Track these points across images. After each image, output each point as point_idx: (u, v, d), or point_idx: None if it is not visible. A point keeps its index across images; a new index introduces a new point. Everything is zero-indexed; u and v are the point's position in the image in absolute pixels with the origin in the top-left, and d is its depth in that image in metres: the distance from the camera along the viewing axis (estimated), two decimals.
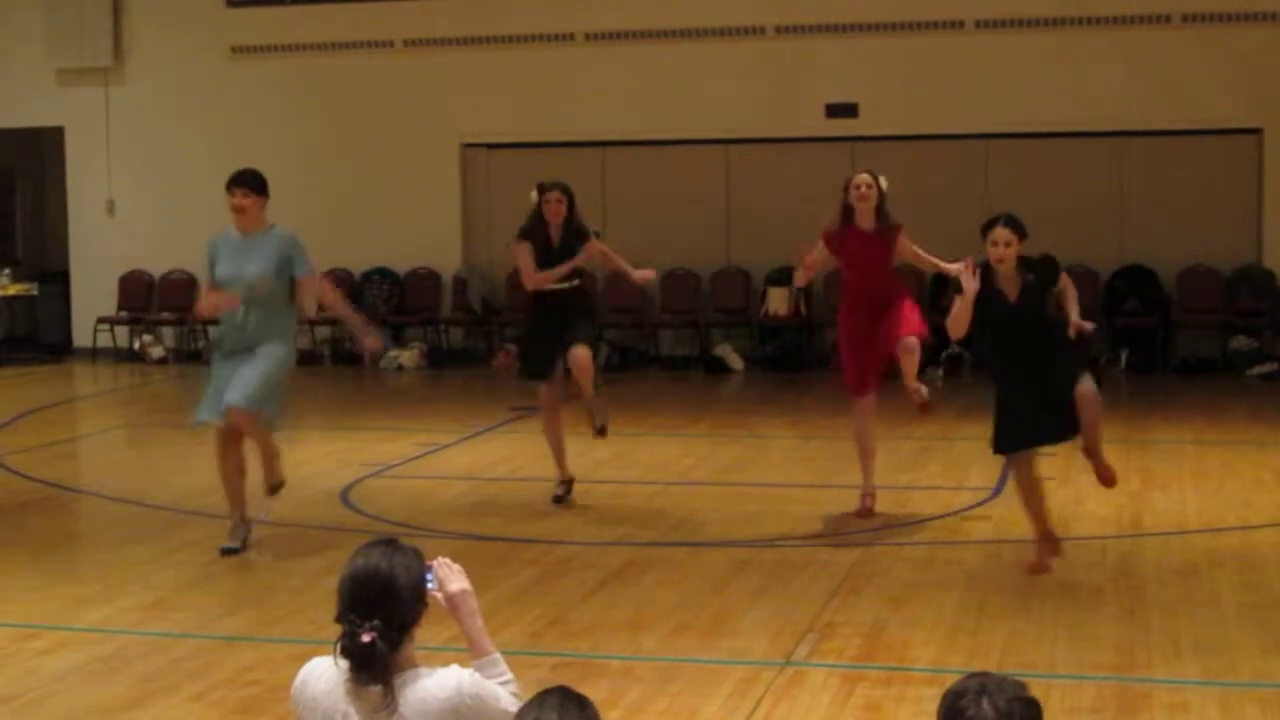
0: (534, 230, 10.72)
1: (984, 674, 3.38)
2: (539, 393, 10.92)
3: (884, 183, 10.05)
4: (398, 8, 19.36)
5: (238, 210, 9.60)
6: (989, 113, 17.83)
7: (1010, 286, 8.60)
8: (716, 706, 6.77)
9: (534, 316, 10.90)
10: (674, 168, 18.80)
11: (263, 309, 9.50)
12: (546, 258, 10.67)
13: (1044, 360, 8.58)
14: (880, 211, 10.03)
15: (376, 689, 3.90)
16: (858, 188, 9.99)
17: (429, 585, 4.03)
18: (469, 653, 4.10)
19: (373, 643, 3.87)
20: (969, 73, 17.90)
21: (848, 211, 10.03)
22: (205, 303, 9.81)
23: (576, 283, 10.78)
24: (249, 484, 9.81)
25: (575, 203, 10.76)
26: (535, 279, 10.68)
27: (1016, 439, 8.66)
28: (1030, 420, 8.57)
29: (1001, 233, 8.60)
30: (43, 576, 9.22)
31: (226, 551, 9.60)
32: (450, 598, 4.09)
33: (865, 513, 10.30)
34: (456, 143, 19.38)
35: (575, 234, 10.69)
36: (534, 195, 10.77)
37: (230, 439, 9.61)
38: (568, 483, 10.97)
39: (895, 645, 7.66)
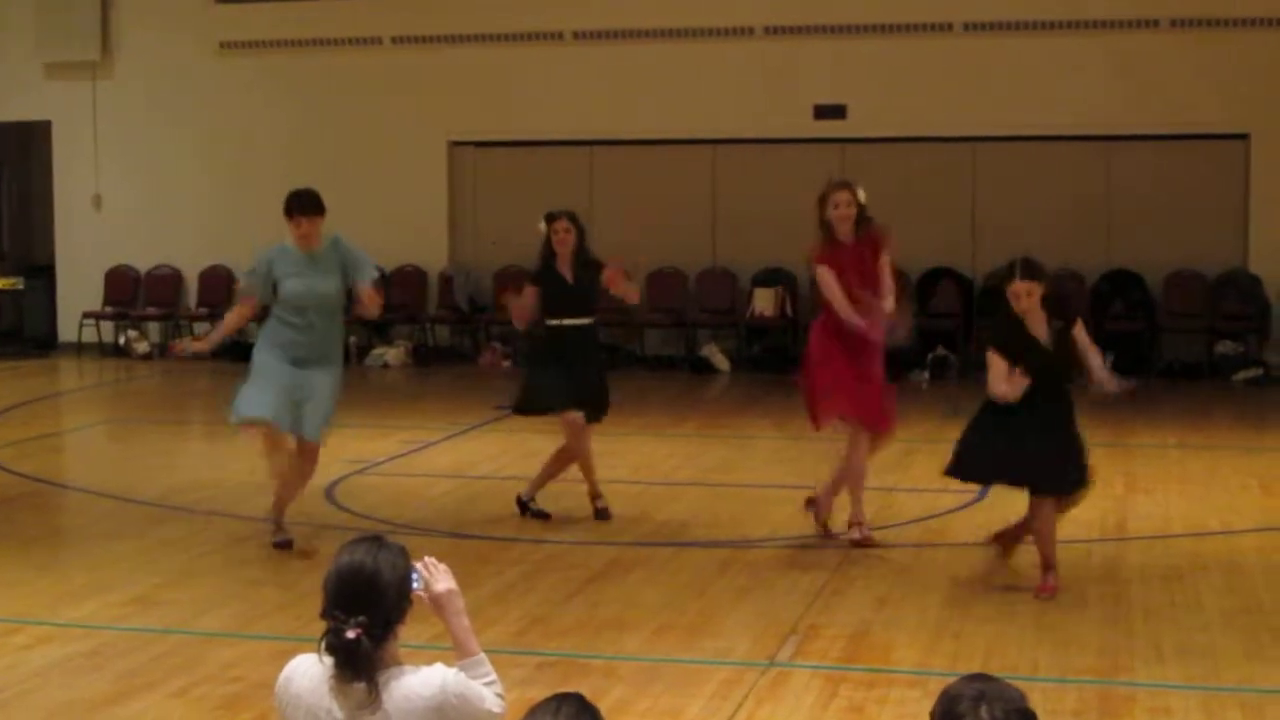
0: (546, 269, 10.37)
1: (984, 678, 3.33)
2: (563, 420, 10.42)
3: (861, 195, 9.60)
4: (386, 5, 19.36)
5: (306, 238, 9.53)
6: (977, 115, 17.85)
7: (1040, 329, 8.42)
8: (699, 707, 6.77)
9: (542, 347, 10.46)
10: (661, 168, 18.80)
11: (331, 319, 9.62)
12: (563, 293, 10.32)
13: (1057, 406, 8.51)
14: (859, 221, 9.59)
15: (360, 686, 3.90)
16: (836, 206, 9.53)
17: (415, 585, 4.03)
18: (454, 652, 4.10)
19: (358, 639, 3.87)
20: (957, 75, 17.92)
21: (829, 229, 9.58)
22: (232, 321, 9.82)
23: (590, 320, 10.45)
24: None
25: (584, 230, 10.49)
26: (523, 321, 10.43)
27: (983, 471, 8.66)
28: (1008, 457, 8.47)
29: (1021, 286, 8.33)
30: (26, 571, 9.21)
31: (281, 545, 9.60)
32: (436, 598, 4.08)
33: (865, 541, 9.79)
34: (444, 140, 19.37)
35: (588, 266, 10.38)
36: (541, 226, 10.44)
37: (280, 437, 9.63)
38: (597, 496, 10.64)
39: (879, 647, 7.66)
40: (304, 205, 9.55)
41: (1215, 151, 17.65)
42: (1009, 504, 10.18)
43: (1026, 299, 8.34)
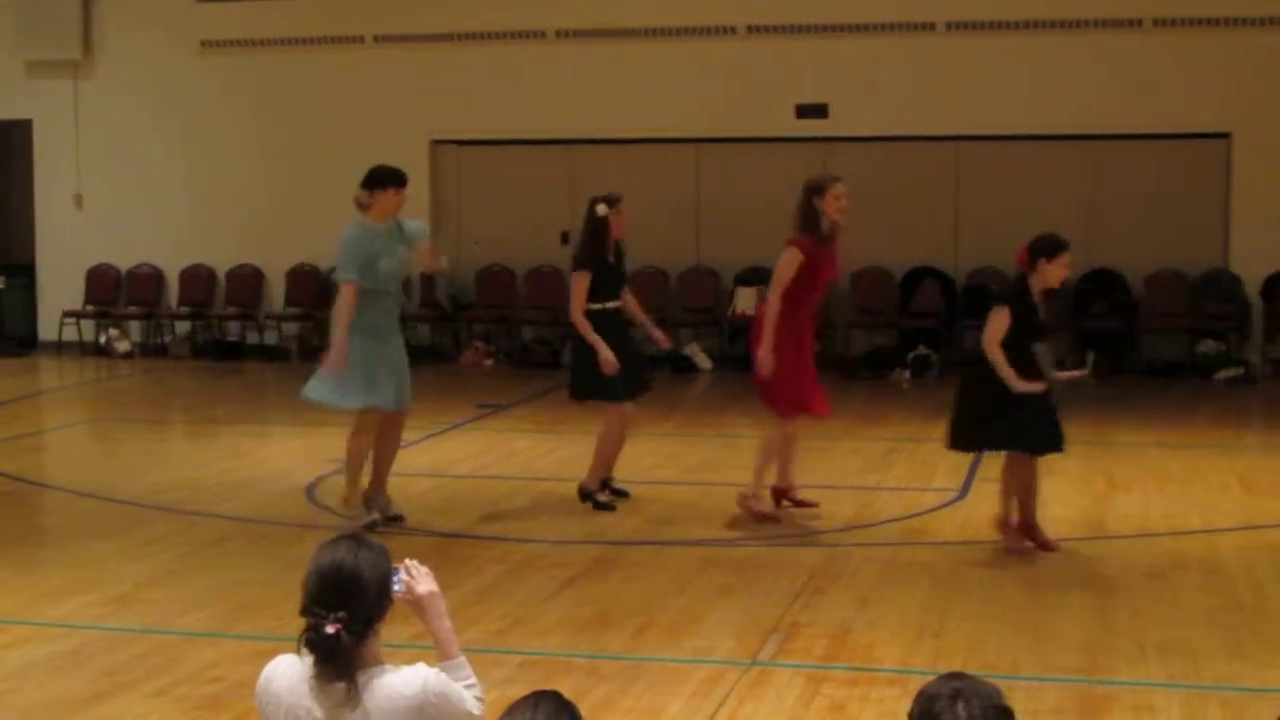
0: (596, 253, 10.47)
1: (960, 676, 3.34)
2: (616, 410, 10.68)
3: None
4: (368, 4, 19.32)
5: (398, 209, 9.72)
6: (959, 115, 17.86)
7: (1042, 303, 9.24)
8: (680, 706, 6.77)
9: (604, 335, 10.44)
10: (644, 166, 18.76)
11: (400, 285, 9.98)
12: (609, 274, 10.54)
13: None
14: None
15: (341, 685, 3.89)
16: (838, 198, 9.70)
17: (396, 588, 4.02)
18: (436, 654, 4.09)
19: (337, 635, 3.86)
20: (940, 75, 17.92)
21: (819, 220, 9.74)
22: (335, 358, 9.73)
23: (620, 301, 10.76)
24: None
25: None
26: (580, 320, 10.42)
27: (1055, 440, 9.30)
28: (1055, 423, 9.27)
29: (1067, 258, 9.18)
30: (6, 570, 9.18)
31: (369, 526, 9.73)
32: (418, 600, 4.08)
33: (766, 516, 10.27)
34: (426, 139, 19.31)
35: (620, 246, 10.71)
36: (601, 209, 10.43)
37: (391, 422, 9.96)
38: (607, 483, 10.91)
39: (860, 645, 7.66)
40: (400, 177, 9.79)
41: (1197, 151, 17.68)
42: (994, 503, 10.17)
43: (1063, 272, 9.17)
